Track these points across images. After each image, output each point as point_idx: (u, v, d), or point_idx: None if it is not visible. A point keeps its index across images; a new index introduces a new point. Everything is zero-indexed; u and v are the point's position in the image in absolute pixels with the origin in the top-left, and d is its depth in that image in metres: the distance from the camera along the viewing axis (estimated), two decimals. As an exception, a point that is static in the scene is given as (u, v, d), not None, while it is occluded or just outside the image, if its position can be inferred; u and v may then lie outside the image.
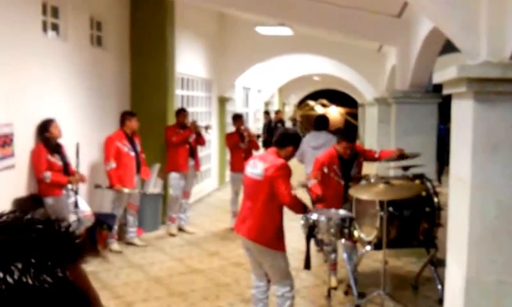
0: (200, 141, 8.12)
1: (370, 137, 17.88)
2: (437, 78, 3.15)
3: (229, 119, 10.64)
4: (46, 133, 5.73)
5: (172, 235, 7.79)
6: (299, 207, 4.19)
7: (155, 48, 8.12)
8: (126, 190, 6.78)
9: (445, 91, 3.16)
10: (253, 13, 8.26)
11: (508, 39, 2.69)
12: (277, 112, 18.22)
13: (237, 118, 8.59)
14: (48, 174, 5.61)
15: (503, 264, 2.86)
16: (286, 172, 4.07)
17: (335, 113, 35.02)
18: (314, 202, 5.07)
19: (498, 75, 2.66)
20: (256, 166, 4.17)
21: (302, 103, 32.89)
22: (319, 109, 33.86)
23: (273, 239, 4.14)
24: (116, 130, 7.00)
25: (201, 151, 10.88)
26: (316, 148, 6.74)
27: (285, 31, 10.45)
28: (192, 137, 7.82)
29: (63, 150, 5.95)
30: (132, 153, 6.89)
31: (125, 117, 6.96)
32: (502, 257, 2.86)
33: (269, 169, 4.04)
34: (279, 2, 7.44)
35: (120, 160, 6.75)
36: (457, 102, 3.09)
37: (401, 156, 5.60)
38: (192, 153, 7.96)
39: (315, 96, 32.23)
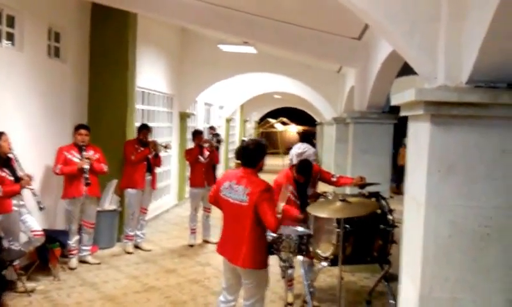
0: (157, 162, 7.97)
1: (327, 155, 18.09)
2: (395, 101, 3.20)
3: (190, 135, 10.55)
4: None
5: (128, 252, 7.60)
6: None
7: (116, 62, 7.99)
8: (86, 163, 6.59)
9: (403, 113, 3.22)
10: (215, 31, 8.26)
11: (464, 65, 2.76)
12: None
13: (197, 134, 8.55)
14: (-1, 188, 5.36)
15: (456, 281, 2.91)
16: (270, 195, 4.03)
17: (294, 131, 35.39)
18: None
19: (454, 99, 2.73)
20: (237, 191, 4.06)
21: (263, 120, 33.06)
22: (279, 127, 34.14)
23: (265, 259, 4.13)
24: (71, 142, 6.86)
25: (161, 167, 10.73)
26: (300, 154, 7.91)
27: (249, 50, 10.49)
28: (152, 154, 7.71)
29: (12, 163, 5.68)
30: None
31: (74, 129, 6.85)
32: (455, 275, 2.91)
33: (253, 194, 3.95)
34: (242, 20, 7.48)
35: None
36: (414, 124, 3.15)
37: (361, 185, 5.64)
38: (150, 169, 7.81)
39: (276, 113, 32.47)
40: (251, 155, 4.19)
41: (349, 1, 3.07)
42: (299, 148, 5.47)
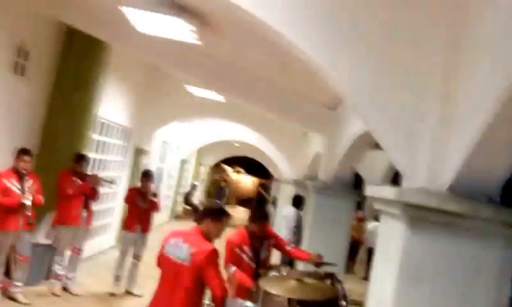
0: (95, 196, 7.56)
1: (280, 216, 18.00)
2: (371, 192, 3.17)
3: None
4: None
5: (55, 294, 7.16)
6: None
7: (81, 90, 7.72)
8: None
9: (377, 207, 3.18)
10: (185, 74, 8.21)
11: (447, 171, 2.76)
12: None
13: (145, 176, 8.22)
14: None
15: None
16: (215, 260, 3.84)
17: (248, 182, 35.41)
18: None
19: (433, 205, 2.71)
20: (181, 248, 3.86)
21: (218, 165, 32.92)
22: (233, 176, 34.15)
23: None
24: (10, 166, 6.38)
25: (104, 203, 10.36)
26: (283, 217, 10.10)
27: (217, 97, 10.45)
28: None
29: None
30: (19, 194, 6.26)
31: (17, 154, 6.39)
32: None
33: (198, 255, 3.77)
34: (214, 68, 7.48)
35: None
36: (388, 221, 3.11)
37: (318, 263, 5.54)
38: (87, 205, 7.39)
39: (232, 161, 32.45)
40: (202, 211, 4.14)
41: (336, 85, 3.06)
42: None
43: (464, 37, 2.76)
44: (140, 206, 7.92)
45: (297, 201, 10.02)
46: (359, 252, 14.16)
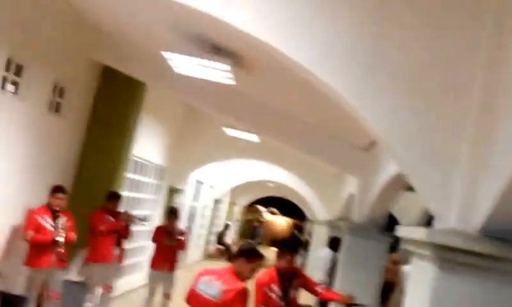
0: (126, 234, 7.71)
1: (312, 257, 17.82)
2: (403, 233, 3.21)
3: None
4: None
5: (87, 332, 7.29)
6: None
7: (115, 129, 7.99)
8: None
9: (409, 248, 3.21)
10: (221, 114, 8.42)
11: (478, 211, 2.78)
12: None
13: (172, 214, 8.35)
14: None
15: None
16: (245, 298, 3.92)
17: (282, 223, 35.31)
18: None
19: (463, 246, 2.73)
20: (213, 286, 3.97)
21: (251, 205, 33.00)
22: (267, 216, 34.16)
23: None
24: (44, 203, 6.58)
25: (136, 241, 10.51)
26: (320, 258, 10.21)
27: (252, 137, 10.62)
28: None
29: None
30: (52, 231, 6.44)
31: (51, 191, 6.59)
32: None
33: (229, 292, 3.87)
34: (250, 108, 7.66)
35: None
36: (418, 262, 3.13)
37: (349, 304, 5.54)
38: (119, 243, 7.54)
39: (266, 201, 32.49)
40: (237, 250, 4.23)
41: (370, 127, 3.14)
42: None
43: (498, 79, 2.81)
44: (167, 245, 8.02)
45: (334, 243, 9.87)
46: (393, 294, 13.91)
